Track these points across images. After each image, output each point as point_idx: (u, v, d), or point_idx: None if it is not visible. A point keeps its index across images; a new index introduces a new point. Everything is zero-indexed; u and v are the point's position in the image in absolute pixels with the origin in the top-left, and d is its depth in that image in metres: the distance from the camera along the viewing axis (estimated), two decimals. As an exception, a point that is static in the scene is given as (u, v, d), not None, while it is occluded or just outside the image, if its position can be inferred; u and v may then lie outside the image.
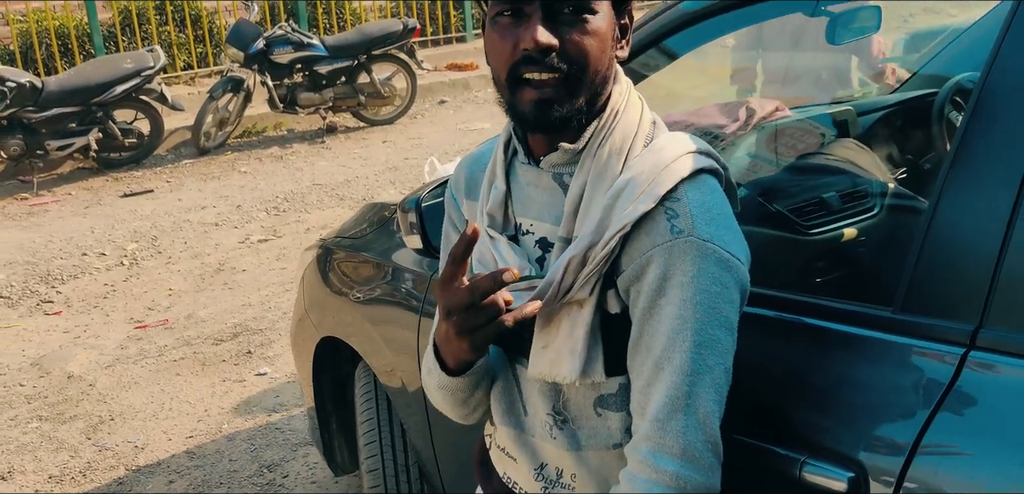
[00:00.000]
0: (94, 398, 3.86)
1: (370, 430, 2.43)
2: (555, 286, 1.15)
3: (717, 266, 1.10)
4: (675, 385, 1.09)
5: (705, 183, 1.16)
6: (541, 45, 1.11)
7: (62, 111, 7.12)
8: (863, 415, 1.17)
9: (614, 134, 1.19)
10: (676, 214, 1.12)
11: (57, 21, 9.14)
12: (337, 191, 6.63)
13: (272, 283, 5.00)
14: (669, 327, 1.10)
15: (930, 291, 1.16)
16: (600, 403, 1.22)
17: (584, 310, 1.17)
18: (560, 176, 1.22)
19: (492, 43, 1.18)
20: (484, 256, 1.27)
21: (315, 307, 2.75)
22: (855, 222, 1.95)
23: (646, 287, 1.12)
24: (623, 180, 1.15)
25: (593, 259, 1.14)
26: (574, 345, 1.18)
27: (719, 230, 1.12)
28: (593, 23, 1.14)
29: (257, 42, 7.95)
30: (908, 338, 1.17)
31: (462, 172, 1.43)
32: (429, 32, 11.30)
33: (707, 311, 1.09)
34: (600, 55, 1.16)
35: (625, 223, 1.12)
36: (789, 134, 2.49)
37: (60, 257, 5.60)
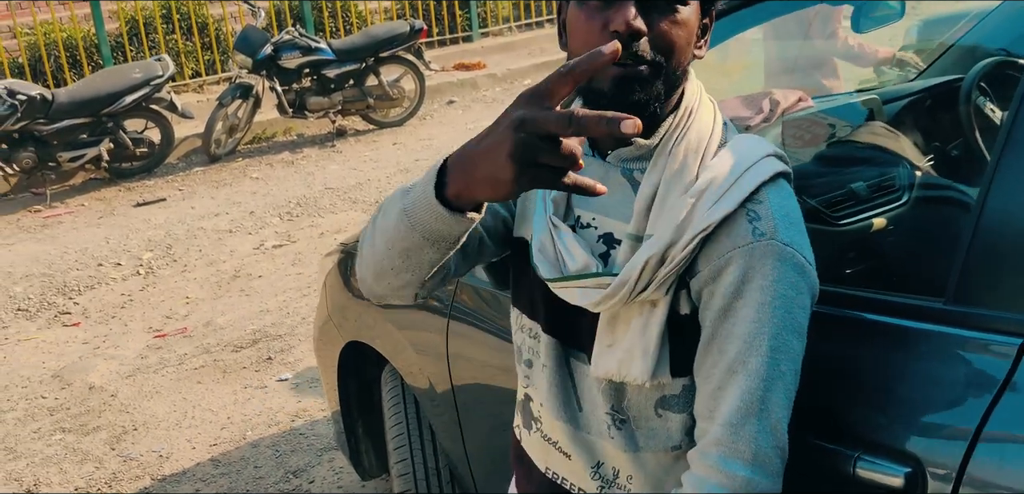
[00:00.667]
0: (116, 408, 3.86)
1: (399, 433, 2.42)
2: (631, 284, 1.13)
3: (795, 271, 1.09)
4: (750, 390, 1.08)
5: (783, 187, 1.15)
6: (632, 29, 1.08)
7: (73, 123, 7.12)
8: (917, 409, 1.15)
9: (690, 134, 1.17)
10: (758, 217, 1.10)
11: (65, 33, 9.16)
12: (349, 194, 6.62)
13: (289, 288, 5.00)
14: (745, 331, 1.09)
15: (983, 282, 1.15)
16: (662, 404, 1.20)
17: (658, 309, 1.15)
18: (630, 172, 1.19)
19: (577, 23, 1.14)
20: (545, 244, 1.24)
21: (338, 312, 2.74)
22: (885, 212, 1.94)
23: (722, 288, 1.11)
24: (704, 180, 1.13)
25: (672, 259, 1.11)
26: (647, 345, 1.16)
27: (798, 235, 1.11)
28: (684, 14, 1.13)
29: (265, 48, 7.94)
30: (962, 330, 1.15)
31: None
32: (436, 33, 11.29)
33: (784, 317, 1.08)
34: (685, 48, 1.14)
35: (709, 224, 1.10)
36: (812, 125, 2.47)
37: (76, 268, 5.61)
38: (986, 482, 1.06)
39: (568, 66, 0.92)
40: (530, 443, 1.39)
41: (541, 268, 1.23)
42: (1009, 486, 1.05)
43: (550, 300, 1.26)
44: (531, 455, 1.39)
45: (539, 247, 1.24)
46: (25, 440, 3.68)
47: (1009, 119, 1.15)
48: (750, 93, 2.63)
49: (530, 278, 1.29)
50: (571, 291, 1.20)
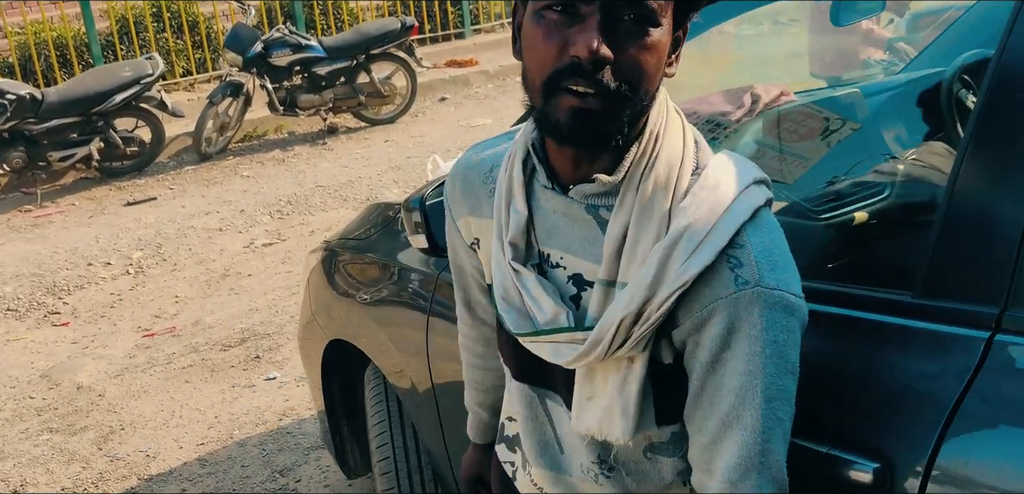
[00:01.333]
0: (104, 408, 3.85)
1: (381, 432, 2.41)
2: (606, 344, 1.05)
3: (784, 313, 1.02)
4: (747, 445, 1.02)
5: (765, 222, 1.06)
6: (597, 56, 0.96)
7: (63, 122, 7.10)
8: (886, 404, 1.15)
9: (658, 164, 1.06)
10: (740, 263, 1.02)
11: (55, 32, 9.13)
12: (340, 192, 6.61)
13: (278, 287, 4.98)
14: (737, 384, 1.02)
15: (951, 274, 1.14)
16: (651, 450, 1.16)
17: (636, 366, 1.08)
18: (595, 209, 1.09)
19: (533, 40, 1.02)
20: (509, 292, 1.15)
21: (322, 310, 2.74)
22: (867, 205, 1.93)
23: (708, 340, 1.03)
24: (678, 228, 1.03)
25: (648, 317, 1.03)
26: (626, 404, 1.09)
27: (783, 273, 1.03)
28: (655, 37, 1.00)
29: (255, 46, 7.93)
30: (930, 323, 1.14)
31: (457, 186, 1.29)
32: (428, 29, 11.28)
33: (776, 363, 1.02)
34: (655, 74, 1.03)
35: (685, 280, 1.01)
36: (794, 120, 2.46)
37: (66, 268, 5.59)
38: (955, 475, 1.06)
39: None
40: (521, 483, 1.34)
41: (508, 320, 1.15)
42: (977, 479, 1.04)
43: (519, 347, 1.19)
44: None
45: (503, 295, 1.16)
46: (12, 440, 3.67)
47: (975, 113, 1.14)
48: (732, 87, 2.63)
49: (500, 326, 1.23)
50: (543, 346, 1.13)
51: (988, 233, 1.11)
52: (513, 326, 1.15)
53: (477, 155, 1.30)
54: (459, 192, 1.28)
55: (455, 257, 1.39)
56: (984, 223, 1.12)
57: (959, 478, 1.06)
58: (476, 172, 1.27)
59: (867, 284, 1.30)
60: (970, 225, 1.13)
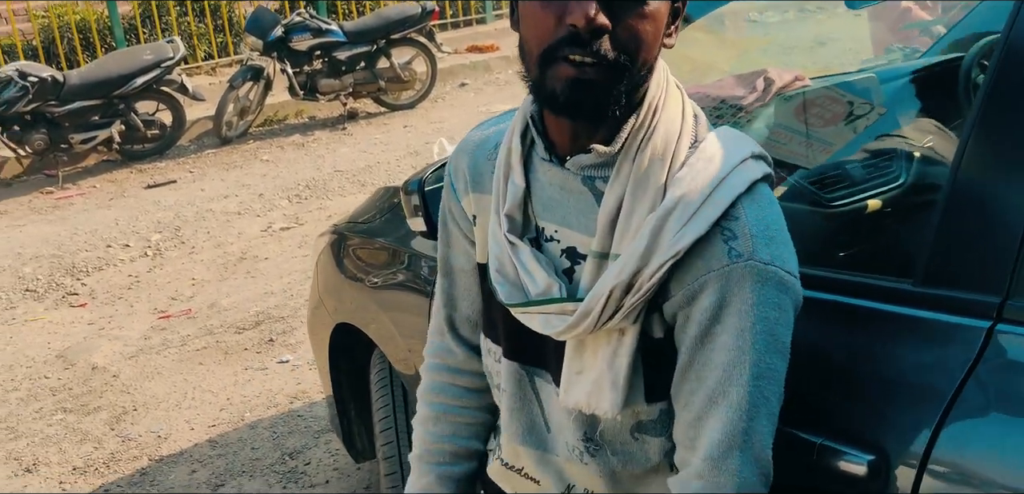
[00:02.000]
0: (118, 389, 3.87)
1: (386, 417, 2.40)
2: (595, 314, 1.04)
3: (776, 290, 1.01)
4: (731, 422, 1.01)
5: (762, 195, 1.04)
6: (594, 24, 0.96)
7: (84, 104, 7.15)
8: (882, 395, 1.11)
9: (655, 136, 1.05)
10: (734, 235, 1.00)
11: (78, 15, 9.19)
12: (358, 177, 6.61)
13: (294, 271, 4.99)
14: (725, 359, 1.01)
15: (953, 263, 1.10)
16: (638, 428, 1.13)
17: (627, 338, 1.06)
18: (591, 181, 1.08)
19: (530, 10, 1.01)
20: (504, 264, 1.13)
21: (329, 293, 2.73)
22: (879, 193, 1.89)
23: (698, 313, 1.02)
24: (673, 197, 1.02)
25: (639, 288, 1.02)
26: (615, 377, 1.07)
27: (778, 248, 1.02)
28: (653, 6, 0.99)
29: (276, 30, 7.94)
30: (931, 312, 1.11)
31: (463, 161, 1.26)
32: (448, 14, 11.25)
33: (766, 340, 1.00)
34: (653, 43, 1.02)
35: (678, 250, 1.00)
36: (814, 104, 2.42)
37: (85, 249, 5.63)
38: (950, 469, 1.03)
39: None
40: (493, 470, 1.32)
41: (500, 291, 1.14)
42: (974, 471, 1.01)
43: (510, 322, 1.17)
44: (493, 478, 1.33)
45: (497, 268, 1.15)
46: (26, 419, 3.70)
47: (979, 97, 1.10)
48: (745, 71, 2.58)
49: (492, 301, 1.21)
50: (533, 317, 1.11)
51: (991, 221, 1.08)
52: (506, 297, 1.14)
53: (482, 132, 1.29)
54: (465, 168, 1.26)
55: (448, 258, 1.33)
56: (987, 211, 1.08)
57: (955, 471, 1.03)
58: (481, 149, 1.25)
59: (867, 271, 1.27)
60: (973, 212, 1.09)
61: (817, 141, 2.28)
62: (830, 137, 2.28)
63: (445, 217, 1.32)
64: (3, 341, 4.48)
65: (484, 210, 1.22)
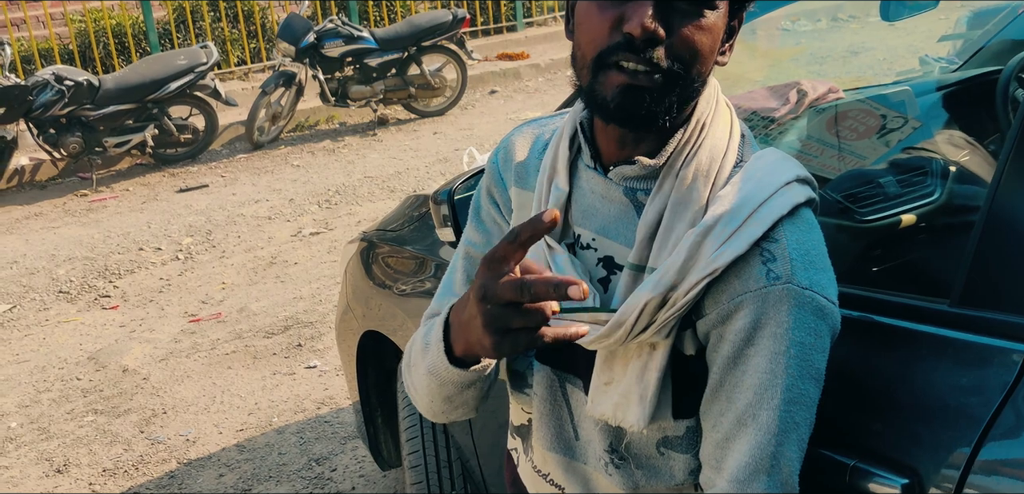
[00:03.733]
0: (148, 391, 3.91)
1: (412, 426, 2.40)
2: (628, 326, 1.02)
3: (813, 315, 0.99)
4: (760, 446, 0.99)
5: (804, 220, 1.03)
6: (650, 33, 0.95)
7: (119, 108, 7.24)
8: (917, 417, 1.09)
9: (700, 152, 1.05)
10: (773, 257, 0.99)
11: (114, 20, 9.32)
12: (388, 183, 6.63)
13: (323, 276, 5.01)
14: (757, 381, 0.99)
15: (990, 283, 1.08)
16: (664, 443, 1.12)
17: (657, 353, 1.05)
18: (633, 192, 1.08)
19: (586, 15, 1.01)
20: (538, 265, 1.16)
21: (358, 300, 2.73)
22: (913, 208, 1.86)
23: (732, 334, 1.01)
24: (713, 215, 1.01)
25: (673, 303, 1.01)
26: (644, 391, 1.06)
27: (818, 274, 1.00)
28: (711, 19, 0.99)
29: (308, 36, 8.00)
30: (967, 334, 1.09)
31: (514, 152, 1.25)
32: (479, 22, 11.27)
33: (799, 365, 0.99)
34: (709, 56, 1.01)
35: (716, 268, 0.99)
36: (847, 116, 2.39)
37: (118, 252, 5.70)
38: None
39: (515, 232, 0.92)
40: (524, 471, 1.31)
41: None
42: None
43: None
44: (524, 481, 1.32)
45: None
46: (58, 420, 3.74)
47: (1021, 114, 1.08)
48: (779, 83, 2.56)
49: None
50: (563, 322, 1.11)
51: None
52: None
53: (534, 129, 1.29)
54: (515, 159, 1.25)
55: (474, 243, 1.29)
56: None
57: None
58: (531, 145, 1.25)
59: (901, 290, 1.24)
60: (1012, 232, 1.07)
61: (850, 154, 2.25)
62: (863, 150, 2.26)
63: (479, 200, 1.30)
64: (36, 342, 4.54)
65: (523, 207, 1.22)
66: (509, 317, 0.92)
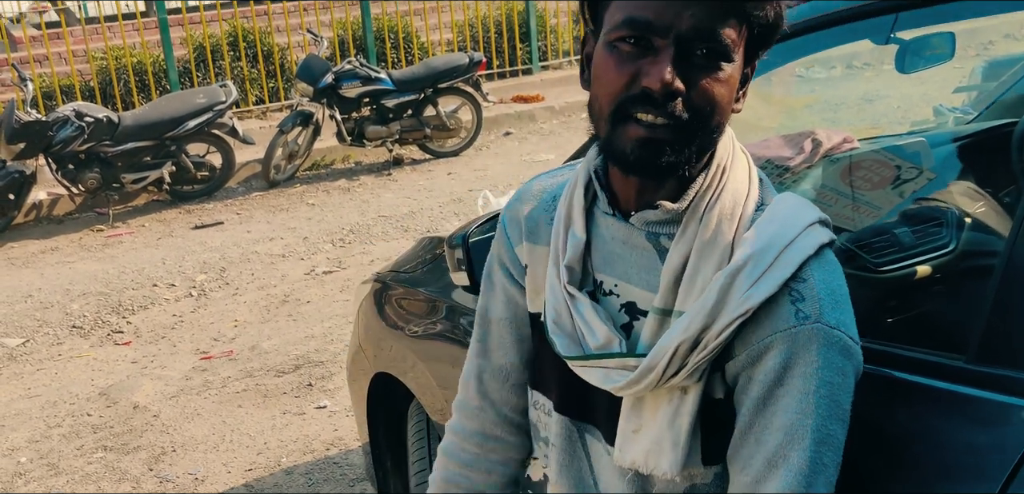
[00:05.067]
0: (158, 428, 3.91)
1: (421, 470, 2.38)
2: (660, 370, 1.03)
3: (841, 355, 1.00)
4: (791, 487, 0.99)
5: (829, 260, 1.04)
6: (669, 88, 0.97)
7: (137, 145, 7.31)
8: (931, 475, 1.07)
9: (723, 196, 1.06)
10: (802, 298, 1.00)
11: (135, 58, 9.43)
12: (402, 223, 6.65)
13: (336, 315, 5.01)
14: (787, 422, 0.99)
15: (1008, 340, 1.07)
16: (693, 492, 1.11)
17: (689, 398, 1.05)
18: (656, 237, 1.09)
19: (604, 69, 1.03)
20: (561, 315, 1.13)
21: (370, 341, 2.73)
22: (927, 260, 1.85)
23: (762, 375, 1.01)
24: (742, 256, 1.02)
25: (706, 345, 1.01)
26: (677, 437, 1.05)
27: (843, 314, 1.02)
28: (727, 72, 1.01)
29: (326, 77, 8.06)
30: (983, 391, 1.07)
31: (521, 210, 1.27)
32: (495, 65, 11.35)
33: (828, 406, 0.99)
34: (726, 107, 1.03)
35: (748, 308, 1.00)
36: (861, 166, 2.38)
37: (131, 288, 5.72)
38: (1004, 559, 0.98)
39: None
40: None
41: (558, 343, 1.13)
42: (1028, 564, 0.97)
43: (564, 375, 1.16)
44: None
45: (554, 319, 1.14)
46: (67, 456, 3.74)
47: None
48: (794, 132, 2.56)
49: (544, 353, 1.20)
50: (592, 371, 1.10)
51: (1048, 297, 1.04)
52: (563, 349, 1.13)
53: (541, 183, 1.30)
54: (522, 217, 1.26)
55: (487, 309, 1.32)
56: (1044, 286, 1.04)
57: (1010, 561, 0.98)
58: (540, 200, 1.27)
59: (916, 344, 1.23)
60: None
61: (864, 204, 2.24)
62: (877, 200, 2.25)
63: (491, 266, 1.32)
64: (49, 376, 4.55)
65: (538, 261, 1.22)
66: None
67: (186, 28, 9.81)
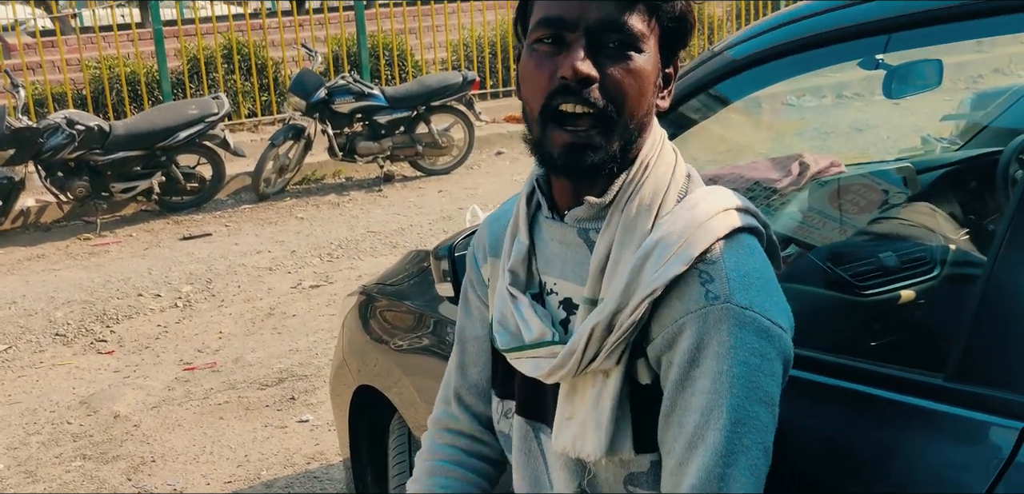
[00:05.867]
0: (138, 438, 3.87)
1: (399, 485, 2.36)
2: (577, 355, 1.07)
3: (756, 336, 1.01)
4: (707, 468, 1.00)
5: (744, 243, 1.07)
6: (581, 74, 1.03)
7: (128, 155, 7.28)
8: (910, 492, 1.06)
9: (644, 188, 1.10)
10: (711, 278, 1.03)
11: (128, 68, 9.42)
12: (391, 239, 6.64)
13: (321, 329, 4.99)
14: (703, 402, 1.01)
15: (986, 358, 1.06)
16: (631, 481, 1.13)
17: (610, 381, 1.08)
18: (586, 232, 1.14)
19: (528, 72, 1.10)
20: (506, 317, 1.18)
21: (354, 354, 2.71)
22: (913, 284, 1.85)
23: (678, 357, 1.03)
24: (653, 239, 1.06)
25: (619, 326, 1.05)
26: (599, 418, 1.08)
27: (759, 295, 1.03)
28: (637, 62, 1.07)
29: (319, 91, 8.07)
30: (962, 409, 1.07)
31: (485, 230, 1.35)
32: (489, 85, 11.38)
33: (745, 385, 1.00)
34: (640, 98, 1.08)
35: (655, 288, 1.03)
36: (852, 190, 2.39)
37: (116, 297, 5.69)
38: (979, 579, 0.97)
39: None
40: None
41: (499, 339, 1.19)
42: (1004, 584, 0.96)
43: (523, 379, 1.21)
44: None
45: (499, 319, 1.20)
46: (46, 464, 3.70)
47: (1018, 193, 1.07)
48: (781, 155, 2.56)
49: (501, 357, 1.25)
50: (524, 361, 1.16)
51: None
52: (502, 343, 1.19)
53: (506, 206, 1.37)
54: (486, 239, 1.33)
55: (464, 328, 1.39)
56: (1022, 308, 1.04)
57: (985, 581, 0.97)
58: (500, 219, 1.33)
59: (897, 363, 1.22)
60: (1008, 309, 1.05)
61: (851, 227, 2.24)
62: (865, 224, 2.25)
63: (465, 289, 1.39)
64: (29, 384, 4.51)
65: (497, 273, 1.27)
66: None
67: (181, 39, 9.81)
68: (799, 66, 2.11)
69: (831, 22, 1.38)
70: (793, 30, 1.47)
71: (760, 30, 1.57)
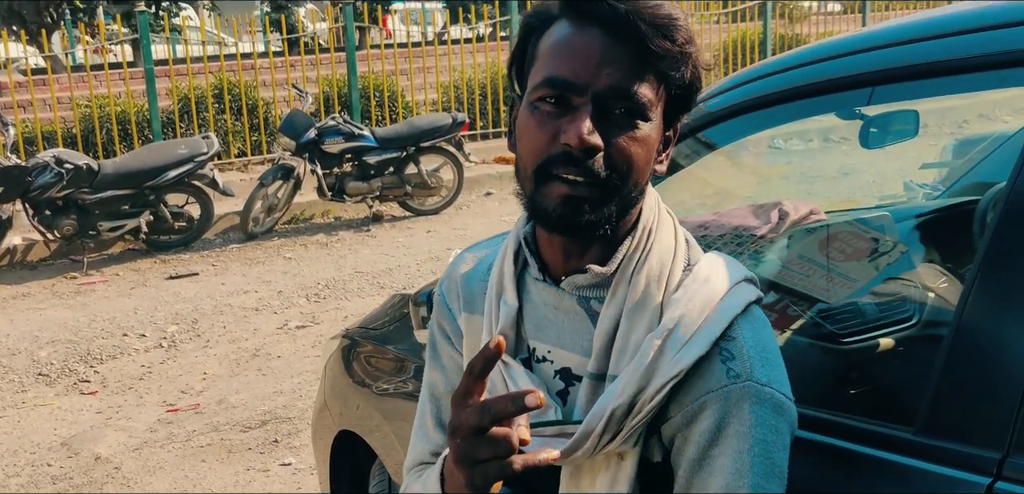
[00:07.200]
0: (118, 481, 3.83)
1: (379, 530, 2.34)
2: (596, 436, 1.02)
3: (773, 412, 1.01)
4: None
5: (756, 317, 1.06)
6: (587, 144, 0.99)
7: (116, 193, 7.28)
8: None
9: (651, 258, 1.08)
10: (732, 356, 1.02)
11: (119, 107, 9.44)
12: (378, 279, 6.63)
13: (306, 370, 4.96)
14: (723, 482, 0.99)
15: (953, 414, 1.07)
16: None
17: (626, 464, 1.05)
18: (586, 301, 1.09)
19: (527, 129, 1.05)
20: (495, 383, 1.12)
21: (336, 398, 2.70)
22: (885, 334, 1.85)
23: (697, 436, 1.01)
24: (672, 318, 1.03)
25: (641, 409, 1.01)
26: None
27: (774, 371, 1.03)
28: (644, 130, 1.03)
29: (309, 132, 8.09)
30: (929, 464, 1.07)
31: (458, 281, 1.27)
32: (479, 126, 11.43)
33: (763, 463, 0.99)
34: (644, 166, 1.05)
35: (680, 370, 1.01)
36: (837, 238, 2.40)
37: (101, 337, 5.66)
38: None
39: (470, 365, 0.94)
40: None
41: None
42: None
43: None
44: None
45: (490, 389, 1.11)
46: (24, 506, 3.66)
47: (985, 243, 1.08)
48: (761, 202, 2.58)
49: None
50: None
51: (993, 373, 1.04)
52: None
53: (475, 253, 1.31)
54: (460, 287, 1.26)
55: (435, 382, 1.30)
56: (989, 362, 1.05)
57: None
58: (474, 270, 1.27)
59: (868, 416, 1.23)
60: (974, 363, 1.06)
61: (837, 275, 2.25)
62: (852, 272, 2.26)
63: (434, 337, 1.31)
64: (10, 424, 4.47)
65: (474, 331, 1.22)
66: (477, 448, 0.93)
67: (172, 79, 9.84)
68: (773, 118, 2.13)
69: (800, 77, 1.40)
70: (764, 85, 1.48)
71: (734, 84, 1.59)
